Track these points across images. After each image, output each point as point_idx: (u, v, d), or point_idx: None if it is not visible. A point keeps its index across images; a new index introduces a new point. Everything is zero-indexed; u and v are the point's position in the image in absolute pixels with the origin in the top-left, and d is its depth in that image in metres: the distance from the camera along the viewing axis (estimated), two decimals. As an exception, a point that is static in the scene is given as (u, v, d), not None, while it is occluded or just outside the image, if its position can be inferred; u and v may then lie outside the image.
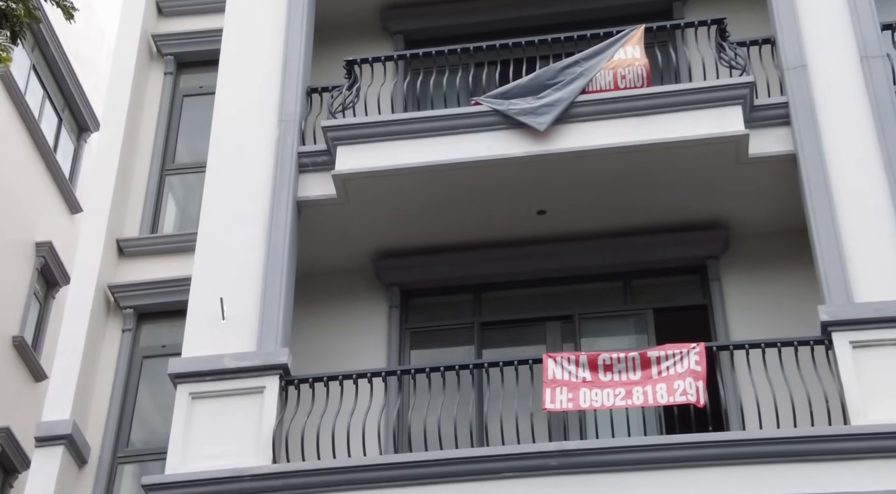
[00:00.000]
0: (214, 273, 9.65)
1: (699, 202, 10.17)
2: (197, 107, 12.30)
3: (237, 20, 11.06)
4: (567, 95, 9.84)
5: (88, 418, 10.59)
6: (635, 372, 8.82)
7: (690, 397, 8.59)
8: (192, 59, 12.62)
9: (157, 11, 12.89)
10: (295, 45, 10.71)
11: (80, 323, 10.82)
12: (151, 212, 11.71)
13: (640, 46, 10.20)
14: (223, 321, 9.34)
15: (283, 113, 10.35)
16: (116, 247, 11.45)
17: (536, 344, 10.21)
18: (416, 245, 10.48)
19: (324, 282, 10.52)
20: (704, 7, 11.35)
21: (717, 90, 9.75)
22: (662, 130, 9.68)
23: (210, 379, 9.07)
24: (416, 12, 11.81)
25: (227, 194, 10.05)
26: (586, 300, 10.44)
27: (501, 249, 10.45)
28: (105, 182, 11.63)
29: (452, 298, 10.67)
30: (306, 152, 10.18)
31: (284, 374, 9.10)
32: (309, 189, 10.05)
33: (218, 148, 10.35)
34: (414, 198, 10.07)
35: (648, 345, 9.76)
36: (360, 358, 10.07)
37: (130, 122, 12.00)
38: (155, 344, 11.12)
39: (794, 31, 10.10)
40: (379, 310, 10.48)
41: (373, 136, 9.97)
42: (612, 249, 10.39)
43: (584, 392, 8.78)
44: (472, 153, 9.79)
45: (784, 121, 9.80)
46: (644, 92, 9.87)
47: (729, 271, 10.25)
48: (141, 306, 11.23)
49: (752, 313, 9.94)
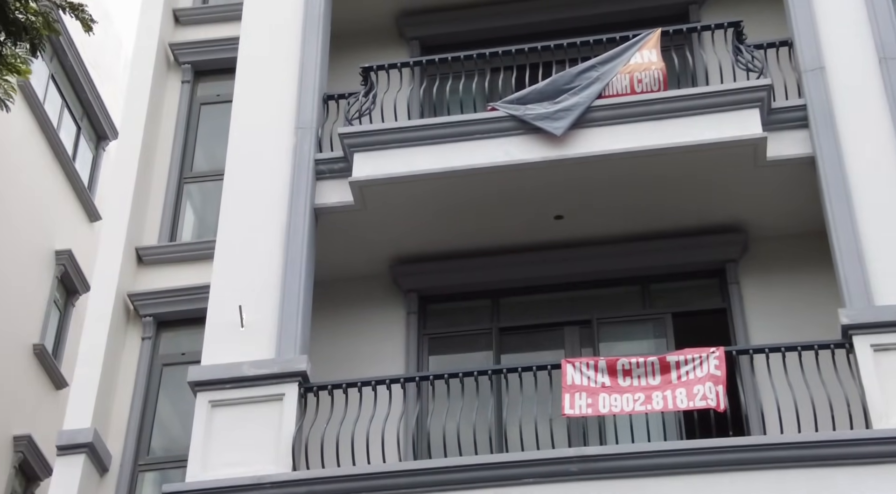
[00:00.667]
0: (233, 280, 9.68)
1: (717, 205, 10.13)
2: (214, 115, 12.35)
3: (254, 28, 11.10)
4: (583, 100, 9.83)
5: (109, 426, 10.64)
6: (655, 377, 8.79)
7: (710, 402, 8.56)
8: (209, 67, 12.67)
9: (174, 20, 12.95)
10: (311, 53, 10.74)
11: (100, 331, 10.87)
12: (170, 220, 11.76)
13: (656, 50, 10.17)
14: (242, 328, 9.37)
15: (299, 120, 10.38)
16: (135, 255, 11.50)
17: (555, 349, 10.19)
18: (434, 251, 10.49)
19: (342, 289, 10.54)
20: (721, 10, 11.32)
21: (735, 93, 9.71)
22: (680, 134, 9.65)
23: (230, 386, 9.09)
24: (431, 18, 11.83)
25: (245, 202, 10.08)
26: (605, 304, 10.42)
27: (519, 254, 10.45)
28: (124, 190, 11.68)
29: (470, 304, 10.67)
30: (323, 159, 10.20)
31: (303, 381, 9.11)
32: (326, 196, 10.07)
33: (235, 155, 10.38)
34: (431, 204, 10.08)
35: (667, 350, 9.73)
36: (379, 365, 10.08)
37: (148, 131, 12.06)
38: (174, 351, 11.16)
39: (811, 33, 10.06)
40: (397, 316, 10.48)
41: (389, 143, 9.98)
42: (631, 253, 10.36)
43: (603, 397, 8.76)
44: (488, 159, 9.79)
45: (802, 123, 9.76)
46: (661, 96, 9.85)
47: (748, 275, 10.21)
48: (160, 314, 11.27)
49: (772, 317, 9.90)
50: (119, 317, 11.11)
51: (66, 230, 16.95)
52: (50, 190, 16.66)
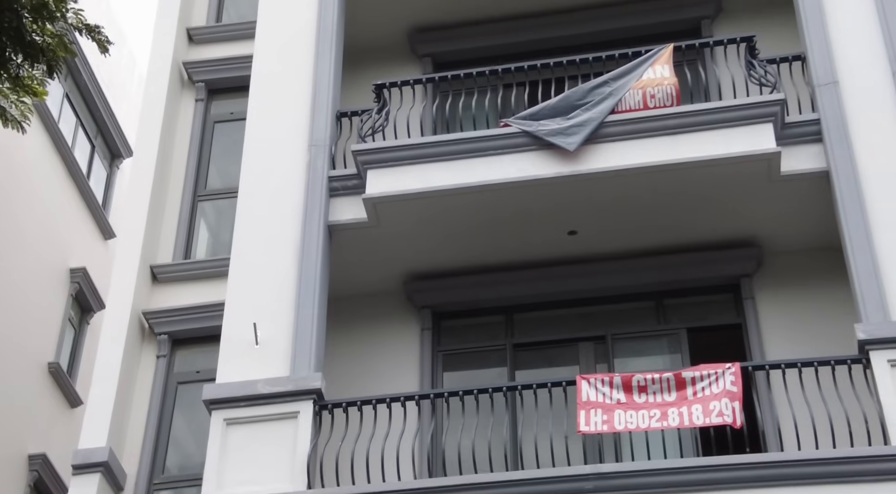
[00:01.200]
0: (247, 298, 9.69)
1: (731, 220, 10.11)
2: (228, 132, 12.39)
3: (267, 46, 11.14)
4: (596, 115, 9.83)
5: (124, 445, 10.64)
6: (670, 393, 8.75)
7: (727, 418, 8.52)
8: (222, 85, 12.71)
9: (187, 39, 13.01)
10: (324, 70, 10.77)
11: (115, 349, 10.88)
12: (184, 238, 11.78)
13: (668, 65, 10.18)
14: (257, 346, 9.38)
15: (313, 137, 10.41)
16: (150, 273, 11.52)
17: (569, 366, 10.17)
18: (447, 267, 10.48)
19: (356, 306, 10.54)
20: (733, 25, 11.33)
21: (748, 108, 9.70)
22: (693, 149, 9.64)
23: (244, 404, 9.09)
24: (443, 35, 11.86)
25: (259, 219, 10.11)
26: (619, 320, 10.39)
27: (533, 270, 10.43)
28: (138, 208, 11.71)
29: (484, 320, 10.66)
30: (337, 176, 10.22)
31: (318, 399, 9.11)
32: (340, 213, 10.08)
33: (249, 173, 10.41)
34: (444, 221, 10.08)
35: (683, 366, 9.69)
36: (393, 382, 10.07)
37: (162, 149, 12.10)
38: (189, 369, 11.17)
39: (824, 47, 10.05)
40: (411, 333, 10.48)
41: (402, 159, 10.00)
42: (645, 269, 10.34)
43: (618, 413, 8.72)
44: (501, 175, 9.79)
45: (816, 138, 9.74)
46: (674, 111, 9.84)
47: (763, 289, 10.18)
48: (175, 332, 11.28)
49: (788, 332, 9.86)
50: (134, 335, 11.12)
51: (81, 248, 17.01)
52: (65, 208, 16.73)
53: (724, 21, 11.53)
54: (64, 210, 16.70)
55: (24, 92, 8.73)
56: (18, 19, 8.05)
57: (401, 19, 11.82)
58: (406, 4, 11.69)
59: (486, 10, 11.73)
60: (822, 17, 10.23)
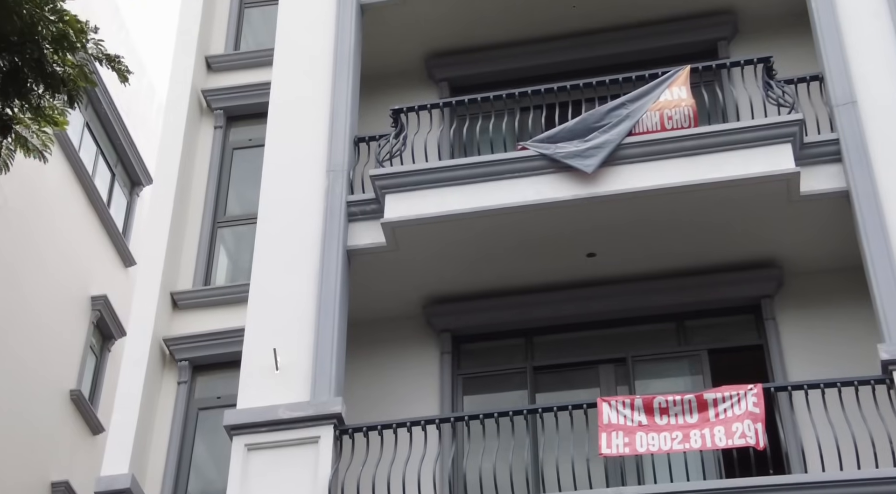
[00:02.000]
0: (267, 323, 9.71)
1: (751, 241, 10.08)
2: (247, 159, 12.46)
3: (285, 73, 11.22)
4: (614, 137, 9.84)
5: (146, 471, 10.65)
6: (692, 415, 8.70)
7: (749, 439, 8.46)
8: (241, 112, 12.80)
9: (206, 67, 13.12)
10: (342, 96, 10.83)
11: (136, 376, 10.92)
12: (204, 265, 11.83)
13: (685, 87, 10.18)
14: (277, 371, 9.39)
15: (331, 163, 10.45)
16: (170, 299, 11.57)
17: (590, 388, 10.14)
18: (467, 290, 10.48)
19: (375, 330, 10.54)
20: (750, 46, 11.33)
21: (766, 128, 9.69)
22: (711, 170, 9.63)
23: (265, 429, 9.10)
24: (460, 59, 11.91)
25: (278, 245, 10.14)
26: (639, 342, 10.36)
27: (552, 293, 10.42)
28: (158, 235, 11.78)
29: (504, 343, 10.64)
30: (355, 201, 10.25)
31: (339, 424, 9.10)
32: (358, 237, 10.11)
33: (268, 199, 10.45)
34: (463, 244, 10.09)
35: (704, 387, 9.64)
36: (413, 406, 10.05)
37: (182, 176, 12.17)
38: (210, 395, 11.19)
39: (842, 67, 10.04)
40: (431, 357, 10.47)
41: (420, 184, 10.02)
42: (664, 290, 10.31)
43: (640, 436, 8.68)
44: (520, 198, 9.80)
45: (835, 158, 9.71)
46: (692, 132, 9.84)
47: (784, 310, 10.13)
48: (196, 358, 11.31)
49: (810, 352, 9.80)
50: (155, 362, 11.16)
51: (102, 275, 17.10)
52: (85, 236, 16.84)
53: (740, 42, 11.53)
54: (85, 238, 16.80)
55: (45, 122, 8.82)
56: (40, 51, 8.16)
57: (417, 44, 11.89)
58: (422, 30, 11.76)
59: (502, 35, 11.78)
60: (840, 36, 10.22)
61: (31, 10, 8.09)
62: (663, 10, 11.58)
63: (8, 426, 14.41)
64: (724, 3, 11.56)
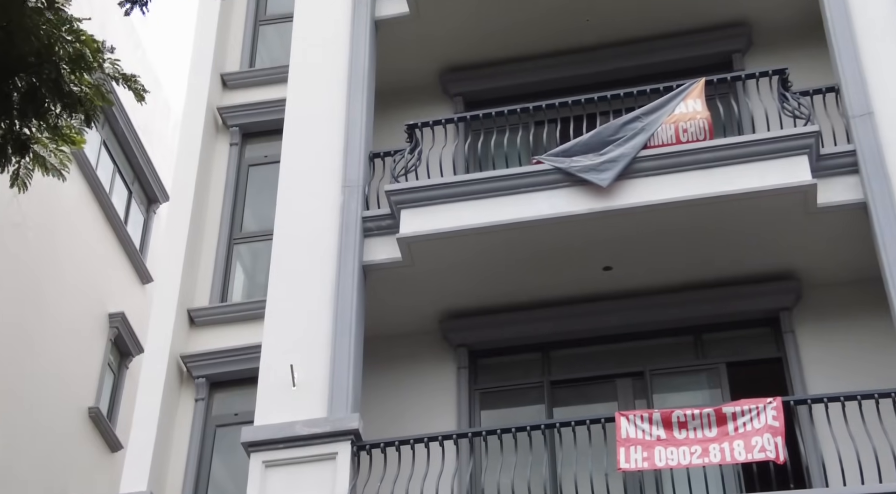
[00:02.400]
0: (284, 340, 9.72)
1: (769, 253, 10.03)
2: (262, 175, 12.50)
3: (300, 90, 11.25)
4: (629, 151, 9.82)
5: (164, 488, 10.66)
6: (711, 429, 8.66)
7: (769, 453, 8.40)
8: (256, 129, 12.85)
9: (221, 85, 13.18)
10: (356, 112, 10.86)
11: (153, 394, 10.95)
12: (221, 281, 11.86)
13: (700, 99, 10.16)
14: (294, 387, 9.39)
15: (346, 178, 10.47)
16: (187, 316, 11.60)
17: (607, 402, 10.10)
18: (483, 305, 10.47)
19: (392, 345, 10.54)
20: (765, 58, 11.31)
21: (782, 140, 9.65)
22: (728, 183, 9.60)
23: (282, 446, 9.09)
24: (474, 74, 11.93)
25: (294, 261, 10.15)
26: (657, 355, 10.32)
27: (569, 306, 10.39)
28: (175, 252, 11.82)
29: (521, 357, 10.62)
30: (370, 216, 10.26)
31: (356, 440, 9.09)
32: (374, 253, 10.11)
33: (284, 215, 10.48)
34: (479, 259, 10.08)
35: (723, 401, 9.59)
36: (431, 421, 10.04)
37: (198, 193, 12.22)
38: (227, 412, 11.20)
39: (858, 78, 10.00)
40: (447, 372, 10.45)
41: (436, 199, 10.03)
42: (682, 303, 10.27)
43: (659, 450, 8.64)
44: (535, 212, 9.79)
45: (852, 169, 9.66)
46: (708, 144, 9.81)
47: (803, 323, 10.07)
48: (213, 375, 11.33)
49: (829, 365, 9.73)
50: (172, 379, 11.18)
51: (119, 293, 17.16)
52: (103, 254, 16.91)
53: (755, 54, 11.51)
54: (102, 255, 16.88)
55: (62, 141, 8.87)
56: (57, 71, 8.22)
57: (432, 60, 11.91)
58: (436, 45, 11.79)
59: (516, 49, 11.80)
60: (855, 47, 10.18)
61: (49, 31, 8.15)
62: (677, 22, 11.57)
63: (27, 444, 14.45)
64: (739, 16, 11.55)
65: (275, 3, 13.76)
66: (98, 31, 11.26)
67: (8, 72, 8.02)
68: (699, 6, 11.48)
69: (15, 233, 14.88)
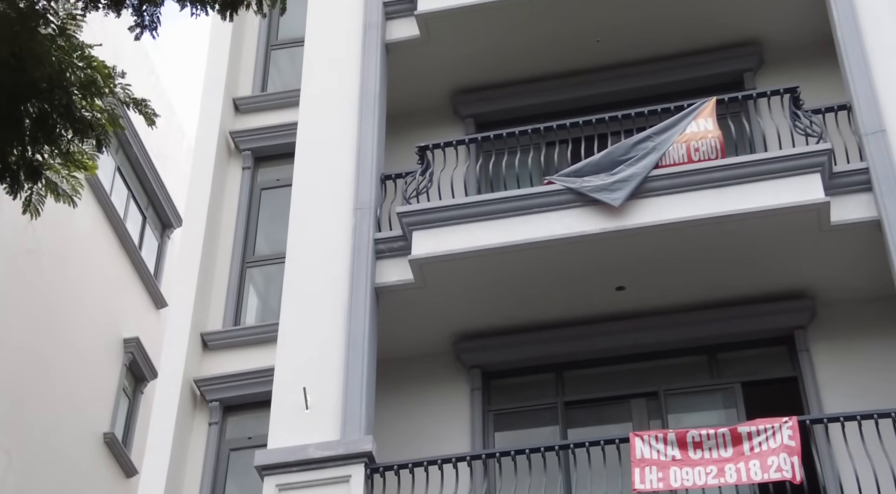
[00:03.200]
0: (296, 362, 9.71)
1: (782, 272, 9.98)
2: (275, 199, 12.53)
3: (311, 114, 11.30)
4: (640, 170, 9.81)
5: (179, 513, 10.65)
6: (726, 449, 8.59)
7: (786, 473, 8.33)
8: (268, 153, 12.90)
9: (234, 109, 13.24)
10: (368, 135, 10.89)
11: (167, 418, 10.94)
12: (234, 305, 11.88)
13: (712, 118, 10.15)
14: (307, 410, 9.37)
15: (358, 201, 10.49)
16: (201, 340, 11.61)
17: (622, 422, 10.05)
18: (496, 326, 10.44)
19: (405, 367, 10.51)
20: (776, 76, 11.30)
21: (795, 158, 9.63)
22: (740, 201, 9.57)
23: (296, 469, 9.07)
24: (485, 95, 11.95)
25: (307, 283, 10.16)
26: (671, 375, 10.26)
27: (582, 327, 10.36)
28: (188, 277, 11.84)
29: (534, 378, 10.58)
30: (382, 238, 10.27)
31: (369, 462, 9.06)
32: (386, 275, 10.11)
33: (296, 238, 10.49)
34: (491, 280, 10.06)
35: (738, 420, 9.52)
36: (444, 443, 10.00)
37: (211, 217, 12.26)
38: (241, 436, 11.18)
39: (870, 96, 9.97)
40: (461, 393, 10.42)
41: (447, 220, 10.03)
42: (696, 322, 10.22)
43: (674, 470, 8.57)
44: (547, 232, 9.78)
45: (865, 187, 9.62)
46: (720, 163, 9.79)
47: (818, 341, 10.01)
48: (226, 399, 11.32)
49: (845, 384, 9.66)
50: (186, 403, 11.18)
51: (134, 318, 17.20)
52: (117, 279, 16.96)
53: (766, 73, 11.50)
54: (117, 281, 16.93)
55: (74, 167, 8.90)
56: (68, 97, 8.25)
57: (442, 82, 11.95)
58: (447, 67, 11.82)
59: (527, 70, 11.82)
60: (867, 65, 10.16)
61: (60, 58, 8.20)
62: (688, 42, 11.58)
63: (43, 470, 14.45)
64: (750, 35, 11.55)
65: (286, 28, 13.83)
66: (111, 56, 11.34)
67: (20, 98, 8.06)
68: (710, 26, 11.48)
69: (29, 259, 14.95)
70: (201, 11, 8.37)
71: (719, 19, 11.43)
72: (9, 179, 8.45)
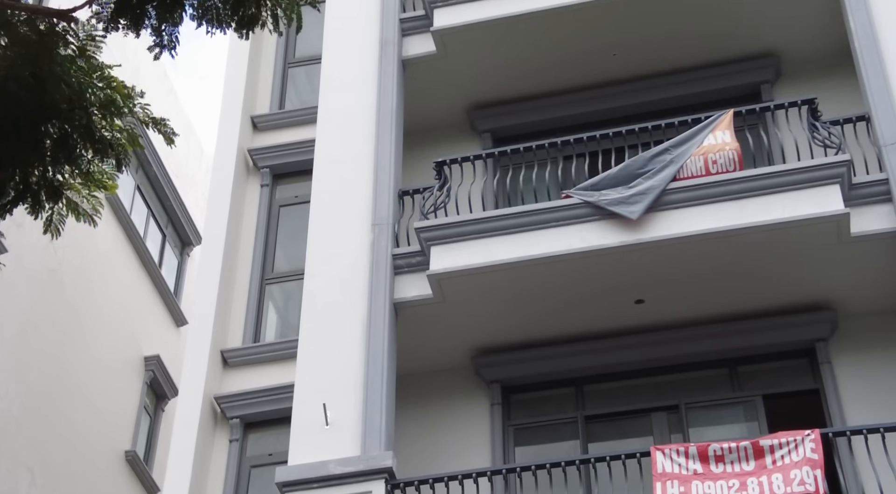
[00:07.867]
0: (316, 379, 9.72)
1: (803, 284, 9.93)
2: (293, 216, 12.57)
3: (329, 130, 11.34)
4: (658, 183, 9.79)
5: (200, 530, 10.66)
6: (748, 462, 8.55)
7: (809, 487, 8.28)
8: (287, 170, 12.95)
9: (252, 127, 13.31)
10: (385, 150, 10.92)
11: (188, 436, 10.97)
12: (253, 322, 11.91)
13: (730, 131, 10.13)
14: (327, 426, 9.37)
15: (376, 217, 10.51)
16: (221, 357, 11.64)
17: (643, 436, 10.00)
18: (515, 340, 10.43)
19: (424, 382, 10.51)
20: (793, 88, 11.27)
21: (814, 170, 9.59)
22: (759, 213, 9.54)
23: (317, 486, 9.07)
24: (502, 110, 11.97)
25: (326, 300, 10.18)
26: (692, 388, 10.21)
27: (601, 341, 10.33)
28: (208, 294, 11.88)
29: (554, 392, 10.55)
30: (401, 254, 10.28)
31: (390, 478, 9.05)
32: (405, 290, 10.12)
33: (315, 254, 10.52)
34: (510, 294, 10.06)
35: (760, 433, 9.47)
36: (464, 458, 9.98)
37: (230, 235, 12.31)
38: (262, 452, 11.19)
39: (889, 106, 9.93)
40: (481, 408, 10.40)
41: (465, 235, 10.03)
42: (716, 335, 10.18)
43: (696, 484, 8.53)
44: (565, 246, 9.77)
45: (885, 198, 9.58)
46: (738, 175, 9.77)
47: (840, 353, 9.94)
48: (247, 415, 11.34)
49: (868, 396, 9.59)
50: (207, 421, 11.20)
51: (154, 336, 17.27)
52: (138, 297, 17.04)
53: (784, 85, 11.47)
54: (137, 299, 17.01)
55: (94, 186, 8.97)
56: (88, 117, 8.32)
57: (459, 97, 11.97)
58: (464, 82, 11.85)
59: (543, 85, 11.84)
60: (885, 76, 10.12)
61: (80, 78, 8.27)
62: (705, 55, 11.57)
63: (65, 488, 14.50)
64: (767, 47, 11.53)
65: (303, 46, 13.91)
66: (130, 77, 11.43)
67: (40, 118, 8.13)
68: (726, 38, 11.47)
69: (51, 278, 15.04)
70: (218, 30, 8.43)
71: (736, 32, 11.42)
72: (30, 199, 8.52)
